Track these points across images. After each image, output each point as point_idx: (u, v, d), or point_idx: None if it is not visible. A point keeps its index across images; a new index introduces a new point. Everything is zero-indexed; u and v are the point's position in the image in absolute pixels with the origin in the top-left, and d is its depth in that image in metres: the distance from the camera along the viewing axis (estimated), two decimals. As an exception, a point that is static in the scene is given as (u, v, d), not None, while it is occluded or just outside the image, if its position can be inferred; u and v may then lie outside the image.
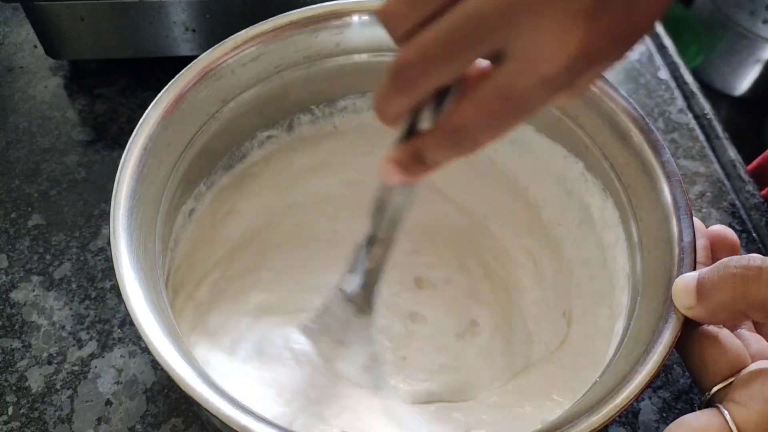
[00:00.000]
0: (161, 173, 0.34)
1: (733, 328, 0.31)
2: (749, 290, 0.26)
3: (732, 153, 0.52)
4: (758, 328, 0.32)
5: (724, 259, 0.27)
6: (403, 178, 0.26)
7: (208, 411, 0.25)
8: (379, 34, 0.37)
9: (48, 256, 0.42)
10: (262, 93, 0.38)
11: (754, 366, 0.28)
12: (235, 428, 0.25)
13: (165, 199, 0.34)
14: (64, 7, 0.45)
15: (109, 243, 0.42)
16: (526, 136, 0.41)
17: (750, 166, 0.57)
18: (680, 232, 0.31)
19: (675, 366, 0.41)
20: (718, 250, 0.33)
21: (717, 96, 1.32)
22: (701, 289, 0.27)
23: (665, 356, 0.27)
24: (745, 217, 0.49)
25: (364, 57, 0.39)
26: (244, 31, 0.36)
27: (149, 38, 0.48)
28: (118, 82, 0.52)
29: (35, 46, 0.53)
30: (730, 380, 0.28)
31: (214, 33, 0.48)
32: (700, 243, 0.32)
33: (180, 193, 0.36)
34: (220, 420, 0.25)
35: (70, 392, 0.37)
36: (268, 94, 0.39)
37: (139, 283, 0.29)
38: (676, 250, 0.31)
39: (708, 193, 0.50)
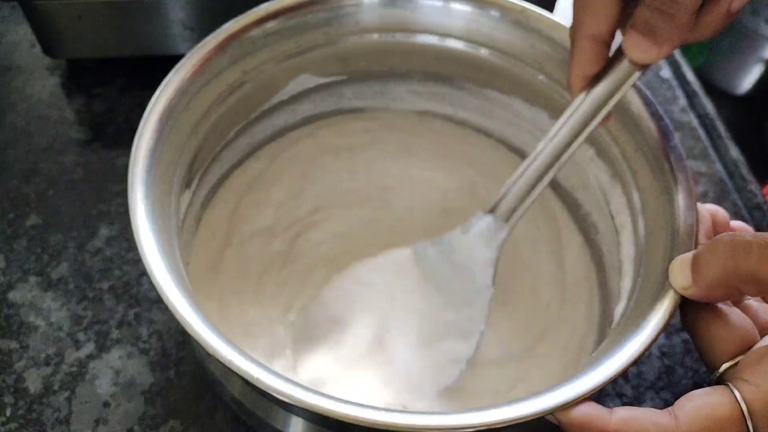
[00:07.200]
0: (181, 136, 0.34)
1: (740, 301, 0.31)
2: (740, 264, 0.26)
3: (734, 152, 0.51)
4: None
5: (716, 237, 0.27)
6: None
7: (228, 367, 0.25)
8: (394, 13, 0.39)
9: (45, 257, 0.42)
10: (281, 67, 0.39)
11: (762, 343, 0.28)
12: (258, 385, 0.25)
13: (181, 165, 0.35)
14: (62, 6, 0.45)
15: (107, 243, 0.43)
16: (541, 121, 0.41)
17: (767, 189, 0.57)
18: (682, 214, 0.31)
19: (677, 368, 0.40)
20: (714, 227, 0.33)
21: (719, 95, 1.31)
22: (695, 268, 0.27)
23: (661, 328, 0.27)
24: (747, 216, 0.48)
25: (375, 37, 0.40)
26: (265, 4, 0.37)
27: (147, 37, 0.47)
28: (116, 82, 0.51)
29: (33, 45, 0.53)
30: (739, 358, 0.28)
31: (213, 31, 0.48)
32: (703, 228, 0.32)
33: (199, 159, 0.37)
34: (241, 377, 0.25)
35: (68, 393, 0.37)
36: (286, 68, 0.39)
37: (153, 235, 0.28)
38: (678, 232, 0.30)
39: (710, 193, 0.49)
